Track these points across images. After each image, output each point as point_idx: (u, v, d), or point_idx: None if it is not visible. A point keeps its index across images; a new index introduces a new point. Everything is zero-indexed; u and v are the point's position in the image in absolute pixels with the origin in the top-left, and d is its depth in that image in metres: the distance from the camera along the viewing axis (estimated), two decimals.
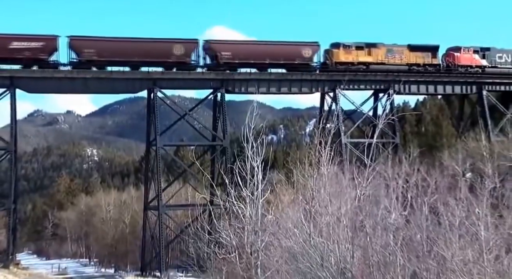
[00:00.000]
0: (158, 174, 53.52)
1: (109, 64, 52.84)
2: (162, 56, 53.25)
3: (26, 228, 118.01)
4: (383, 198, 13.96)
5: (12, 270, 48.07)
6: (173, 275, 45.06)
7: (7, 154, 52.32)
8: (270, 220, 18.84)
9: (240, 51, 54.97)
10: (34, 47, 50.01)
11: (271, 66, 55.75)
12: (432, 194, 12.83)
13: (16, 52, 49.27)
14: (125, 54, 51.92)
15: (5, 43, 49.35)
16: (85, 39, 53.41)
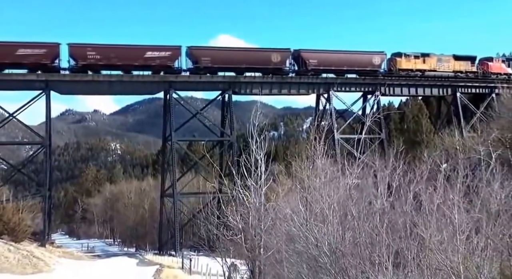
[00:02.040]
0: (173, 166, 53.63)
1: (221, 70, 54.12)
2: (263, 63, 54.18)
3: (59, 212, 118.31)
4: (370, 187, 13.92)
5: (48, 248, 48.32)
6: (186, 254, 45.07)
7: (42, 147, 52.54)
8: (272, 206, 18.79)
9: (324, 59, 56.19)
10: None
11: (347, 72, 57.42)
12: (414, 183, 12.78)
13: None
14: (233, 61, 53.28)
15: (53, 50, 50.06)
16: (203, 49, 55.31)
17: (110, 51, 51.37)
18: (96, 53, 50.54)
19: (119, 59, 50.86)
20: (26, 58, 49.03)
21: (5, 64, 49.07)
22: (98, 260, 49.56)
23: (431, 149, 37.55)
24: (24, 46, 49.86)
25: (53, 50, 50.20)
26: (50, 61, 50.05)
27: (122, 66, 51.51)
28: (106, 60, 50.76)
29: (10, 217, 42.16)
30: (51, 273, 34.81)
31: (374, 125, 52.33)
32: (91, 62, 50.39)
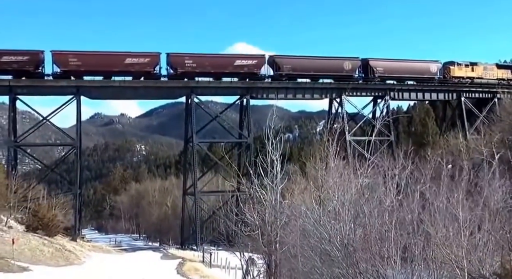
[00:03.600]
0: (194, 166, 53.86)
1: (300, 77, 55.28)
2: (336, 70, 55.04)
3: (89, 209, 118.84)
4: (380, 186, 13.94)
5: (79, 242, 48.65)
6: (207, 249, 45.16)
7: (73, 149, 53.08)
8: (287, 204, 18.83)
9: (389, 68, 57.26)
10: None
11: (409, 79, 58.66)
12: (421, 182, 12.79)
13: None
14: (311, 69, 54.31)
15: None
16: (286, 57, 55.75)
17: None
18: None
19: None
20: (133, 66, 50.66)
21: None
22: (125, 254, 49.78)
23: (436, 150, 37.28)
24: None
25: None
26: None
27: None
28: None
29: (44, 213, 42.53)
30: (81, 265, 35.12)
31: (383, 128, 52.13)
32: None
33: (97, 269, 32.68)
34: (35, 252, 33.55)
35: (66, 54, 50.91)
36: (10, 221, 40.64)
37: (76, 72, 50.52)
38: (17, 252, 29.30)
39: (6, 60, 48.95)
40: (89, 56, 51.47)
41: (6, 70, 49.42)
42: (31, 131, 55.43)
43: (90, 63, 50.30)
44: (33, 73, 49.88)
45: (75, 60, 50.12)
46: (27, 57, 49.55)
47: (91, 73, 51.40)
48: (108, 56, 52.01)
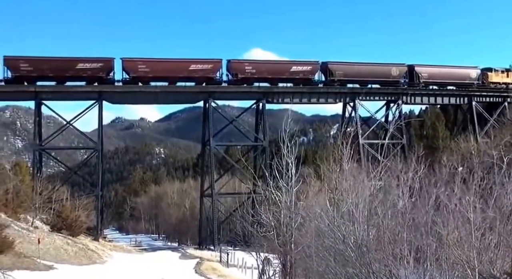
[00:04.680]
0: (211, 168, 53.99)
1: (350, 82, 55.84)
2: (384, 76, 55.74)
3: (111, 210, 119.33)
4: (393, 188, 13.90)
5: (100, 242, 49.00)
6: (224, 249, 45.24)
7: (95, 152, 53.58)
8: (302, 205, 18.84)
9: (433, 74, 58.02)
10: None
11: (450, 84, 59.44)
12: (433, 184, 12.74)
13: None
14: (360, 74, 55.21)
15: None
16: (338, 64, 56.27)
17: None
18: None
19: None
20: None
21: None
22: (145, 253, 49.99)
23: (448, 153, 36.99)
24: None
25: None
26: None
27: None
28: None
29: (68, 214, 42.98)
30: (103, 264, 35.43)
31: (396, 132, 51.83)
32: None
33: (119, 268, 32.94)
34: (59, 251, 33.95)
35: (135, 61, 51.93)
36: (35, 221, 41.10)
37: (144, 78, 51.54)
38: (42, 251, 29.70)
39: (81, 67, 50.05)
40: (157, 63, 52.61)
41: (81, 77, 50.59)
42: (55, 135, 56.04)
43: (158, 70, 51.35)
44: (105, 80, 50.95)
45: (144, 67, 51.17)
46: (100, 64, 50.64)
47: (158, 79, 52.35)
48: (174, 63, 53.12)
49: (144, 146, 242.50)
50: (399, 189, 13.46)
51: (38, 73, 49.75)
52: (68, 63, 50.56)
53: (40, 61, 50.69)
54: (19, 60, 50.15)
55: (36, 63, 50.03)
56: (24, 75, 49.58)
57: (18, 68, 49.27)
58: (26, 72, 49.37)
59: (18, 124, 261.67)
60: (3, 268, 21.83)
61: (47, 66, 49.78)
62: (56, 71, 49.64)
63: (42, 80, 50.80)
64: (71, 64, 50.41)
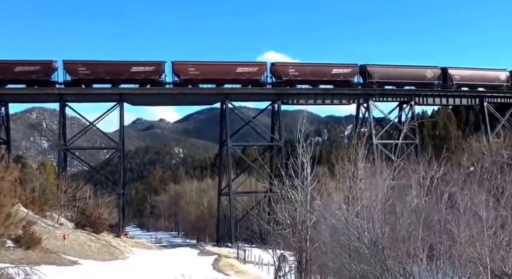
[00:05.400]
0: (229, 168, 54.17)
1: (386, 84, 56.40)
2: (418, 79, 56.22)
3: (132, 208, 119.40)
4: (407, 187, 13.85)
5: (122, 238, 49.45)
6: (241, 246, 45.33)
7: (117, 152, 54.11)
8: (317, 203, 18.82)
9: (465, 76, 58.12)
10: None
11: (481, 86, 59.57)
12: (446, 183, 12.67)
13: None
14: (398, 77, 55.57)
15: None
16: (376, 66, 56.54)
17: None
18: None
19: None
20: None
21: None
22: (165, 250, 50.24)
23: (459, 153, 36.59)
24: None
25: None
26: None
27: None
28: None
29: (91, 211, 43.46)
30: (125, 260, 35.74)
31: (409, 132, 51.46)
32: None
33: (140, 264, 33.20)
34: (83, 247, 34.34)
35: (186, 65, 52.88)
36: (61, 219, 41.68)
37: (193, 81, 52.38)
38: (67, 247, 30.11)
39: (135, 70, 51.02)
40: (206, 66, 53.64)
41: (135, 79, 51.58)
42: (79, 136, 56.77)
43: (206, 72, 52.12)
44: (156, 82, 51.80)
45: (193, 70, 51.97)
46: (153, 68, 51.61)
47: (207, 81, 53.11)
48: (221, 66, 54.24)
49: (164, 146, 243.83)
50: (413, 188, 13.40)
51: (95, 77, 50.98)
52: (123, 67, 51.80)
53: (97, 65, 52.08)
54: (78, 64, 51.56)
55: (93, 67, 51.36)
56: (82, 79, 50.82)
57: (77, 71, 50.53)
58: (84, 75, 50.60)
59: (44, 125, 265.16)
60: (31, 263, 22.15)
61: (103, 70, 51.03)
62: (111, 74, 50.87)
63: (99, 83, 52.07)
64: (125, 68, 51.57)
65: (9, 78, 49.57)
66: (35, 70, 49.62)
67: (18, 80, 50.04)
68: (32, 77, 49.57)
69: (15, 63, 50.14)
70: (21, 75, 49.35)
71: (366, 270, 11.99)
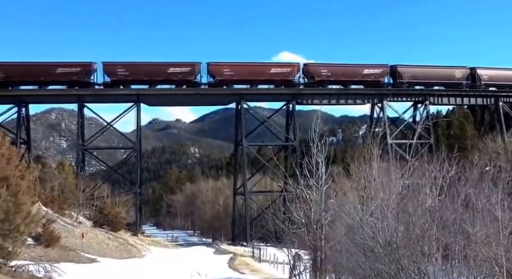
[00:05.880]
0: (244, 167, 54.21)
1: (416, 84, 56.14)
2: (448, 79, 56.20)
3: (148, 207, 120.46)
4: (422, 186, 13.74)
5: (139, 237, 49.77)
6: (256, 245, 45.35)
7: (134, 152, 54.45)
8: (331, 203, 18.77)
9: (493, 76, 58.03)
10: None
11: (507, 86, 58.88)
12: (462, 183, 12.54)
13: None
14: (426, 77, 55.55)
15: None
16: (408, 66, 56.77)
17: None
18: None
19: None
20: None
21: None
22: (181, 248, 50.47)
23: (474, 153, 36.14)
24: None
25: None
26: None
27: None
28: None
29: (109, 210, 43.85)
30: (142, 258, 36.01)
31: (423, 132, 50.98)
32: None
33: (156, 262, 33.39)
34: (101, 245, 34.67)
35: (221, 66, 53.33)
36: (79, 217, 42.11)
37: (228, 81, 52.88)
38: (86, 245, 30.44)
39: (172, 71, 51.66)
40: (240, 67, 53.96)
41: (171, 80, 52.21)
42: (96, 136, 57.29)
43: (241, 73, 52.57)
44: (192, 83, 52.35)
45: (229, 71, 52.48)
46: (189, 68, 52.12)
47: (242, 82, 53.53)
48: (256, 66, 54.81)
49: (180, 145, 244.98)
50: (428, 188, 13.29)
51: (134, 78, 51.63)
52: (160, 68, 52.40)
53: (135, 66, 52.83)
54: (117, 65, 52.26)
55: (132, 68, 52.05)
56: (121, 80, 51.52)
57: (116, 73, 51.23)
58: (123, 76, 51.32)
59: (62, 125, 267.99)
60: (50, 260, 22.46)
61: (141, 71, 51.72)
62: (149, 75, 51.47)
63: (137, 84, 52.62)
64: (162, 69, 52.16)
65: (51, 79, 50.61)
66: (76, 72, 50.59)
67: (60, 81, 51.08)
68: (73, 78, 50.58)
69: (56, 65, 51.25)
70: (62, 77, 50.40)
71: (381, 269, 11.93)
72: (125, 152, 77.06)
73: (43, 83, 50.80)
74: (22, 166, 18.45)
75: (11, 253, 17.53)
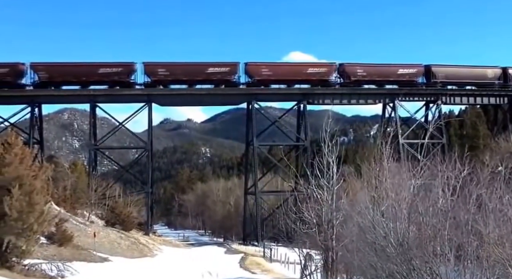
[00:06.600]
0: (255, 167, 54.25)
1: (450, 84, 56.18)
2: (480, 78, 56.50)
3: (160, 206, 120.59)
4: (434, 187, 13.63)
5: (151, 236, 50.07)
6: (267, 245, 45.32)
7: (145, 151, 54.72)
8: (343, 203, 18.68)
9: None
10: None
11: None
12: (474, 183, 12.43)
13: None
14: (459, 77, 55.85)
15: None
16: (443, 66, 56.69)
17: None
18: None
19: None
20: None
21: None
22: (192, 248, 50.60)
23: (486, 152, 35.78)
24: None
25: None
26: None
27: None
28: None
29: (121, 209, 44.11)
30: (154, 257, 36.18)
31: (436, 131, 50.61)
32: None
33: (167, 261, 33.53)
34: (113, 244, 34.88)
35: (259, 65, 54.04)
36: (91, 216, 42.38)
37: (266, 81, 53.46)
38: (98, 244, 30.62)
39: (211, 71, 52.31)
40: (278, 67, 55.29)
41: (210, 80, 52.87)
42: (108, 136, 57.67)
43: (279, 73, 53.22)
44: (231, 82, 53.03)
45: (267, 71, 53.12)
46: (228, 69, 52.79)
47: (279, 82, 54.05)
48: (293, 66, 56.10)
49: (191, 145, 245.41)
50: (440, 188, 13.19)
51: (173, 78, 52.20)
52: (199, 68, 52.90)
53: (175, 66, 53.39)
54: (157, 65, 52.92)
55: (171, 68, 52.68)
56: (161, 80, 52.15)
57: (156, 73, 51.84)
58: (163, 76, 51.90)
59: (75, 125, 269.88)
60: (63, 259, 22.65)
61: (181, 71, 52.22)
62: (188, 75, 51.95)
63: (177, 84, 53.17)
64: (202, 69, 52.66)
65: (94, 79, 51.46)
66: (118, 72, 51.29)
67: (102, 81, 51.85)
68: (115, 78, 51.34)
69: (99, 65, 52.14)
70: (104, 77, 51.25)
71: (393, 270, 11.86)
72: (137, 152, 77.62)
73: (86, 84, 51.65)
74: (35, 165, 18.63)
75: (24, 252, 17.72)
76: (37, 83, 51.13)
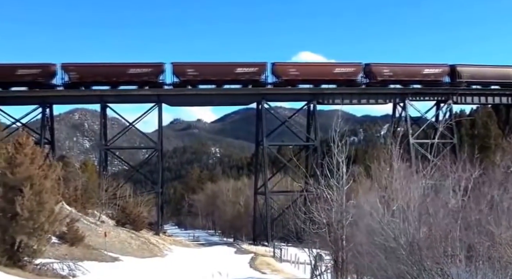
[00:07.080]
0: (265, 167, 54.20)
1: (474, 84, 56.27)
2: (505, 78, 56.24)
3: (170, 206, 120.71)
4: (446, 187, 13.53)
5: (161, 236, 50.22)
6: (277, 245, 45.28)
7: (155, 151, 54.91)
8: (352, 203, 18.62)
9: None
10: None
11: None
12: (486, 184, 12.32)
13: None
14: (486, 77, 55.67)
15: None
16: (469, 66, 56.63)
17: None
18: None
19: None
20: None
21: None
22: (202, 248, 50.63)
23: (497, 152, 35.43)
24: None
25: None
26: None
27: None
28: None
29: (131, 209, 44.27)
30: (164, 257, 36.29)
31: (446, 131, 50.22)
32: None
33: (178, 261, 33.60)
34: (124, 244, 35.03)
35: (286, 66, 54.74)
36: (102, 216, 42.58)
37: (293, 81, 53.66)
38: (108, 244, 30.77)
39: (239, 71, 52.69)
40: (305, 67, 55.42)
41: (239, 80, 53.19)
42: (119, 136, 57.87)
43: (306, 73, 53.43)
44: (259, 82, 53.16)
45: (294, 71, 53.45)
46: (256, 69, 53.14)
47: (306, 82, 54.14)
48: (320, 66, 56.24)
49: (201, 145, 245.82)
50: (451, 188, 13.09)
51: (202, 78, 52.44)
52: (228, 68, 53.05)
53: (204, 66, 53.74)
54: (186, 66, 53.23)
55: (200, 68, 53.01)
56: (190, 80, 52.48)
57: (185, 73, 52.19)
58: (192, 77, 52.22)
59: (85, 125, 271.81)
60: (74, 258, 22.82)
61: (209, 71, 52.54)
62: (217, 75, 52.22)
63: (205, 84, 53.42)
64: (230, 69, 52.84)
65: (124, 80, 51.98)
66: (147, 72, 51.72)
67: (132, 81, 52.33)
68: (144, 78, 51.82)
69: (129, 66, 52.64)
70: (134, 77, 51.76)
71: (403, 270, 11.79)
72: (147, 152, 77.78)
73: (116, 84, 52.11)
74: (46, 165, 18.77)
75: (36, 251, 17.88)
76: (68, 84, 51.56)
